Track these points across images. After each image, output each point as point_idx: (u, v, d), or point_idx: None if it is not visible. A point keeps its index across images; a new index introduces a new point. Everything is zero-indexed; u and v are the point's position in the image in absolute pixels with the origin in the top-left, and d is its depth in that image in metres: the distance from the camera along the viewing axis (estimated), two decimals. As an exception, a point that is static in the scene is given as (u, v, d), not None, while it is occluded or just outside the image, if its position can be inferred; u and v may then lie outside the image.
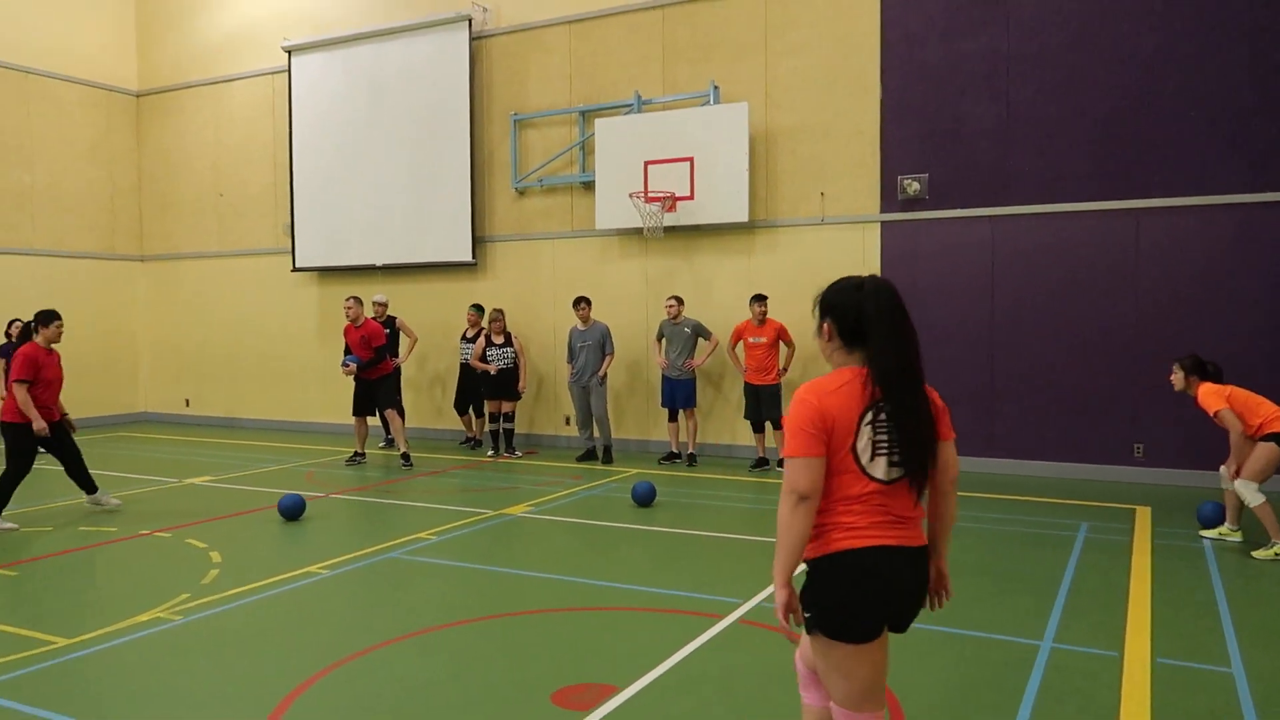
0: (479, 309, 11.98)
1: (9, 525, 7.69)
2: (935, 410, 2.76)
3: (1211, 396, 6.73)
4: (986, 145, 10.02)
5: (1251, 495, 6.58)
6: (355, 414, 11.02)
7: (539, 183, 12.32)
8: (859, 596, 2.66)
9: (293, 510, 7.94)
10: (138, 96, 15.83)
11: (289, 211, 14.06)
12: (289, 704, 4.12)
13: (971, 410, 9.95)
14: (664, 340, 10.72)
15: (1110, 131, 9.52)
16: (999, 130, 9.96)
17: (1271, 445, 6.52)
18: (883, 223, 10.49)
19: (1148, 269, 9.39)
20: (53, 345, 7.93)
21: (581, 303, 10.91)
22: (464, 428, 12.39)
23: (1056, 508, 8.19)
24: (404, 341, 12.25)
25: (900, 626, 2.78)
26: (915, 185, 10.22)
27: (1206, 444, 8.67)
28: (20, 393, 7.62)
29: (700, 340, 10.68)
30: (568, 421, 12.13)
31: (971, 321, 10.05)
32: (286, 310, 14.44)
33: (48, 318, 7.87)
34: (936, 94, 10.22)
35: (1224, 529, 7.02)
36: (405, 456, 10.64)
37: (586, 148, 12.00)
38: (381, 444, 12.19)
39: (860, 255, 10.57)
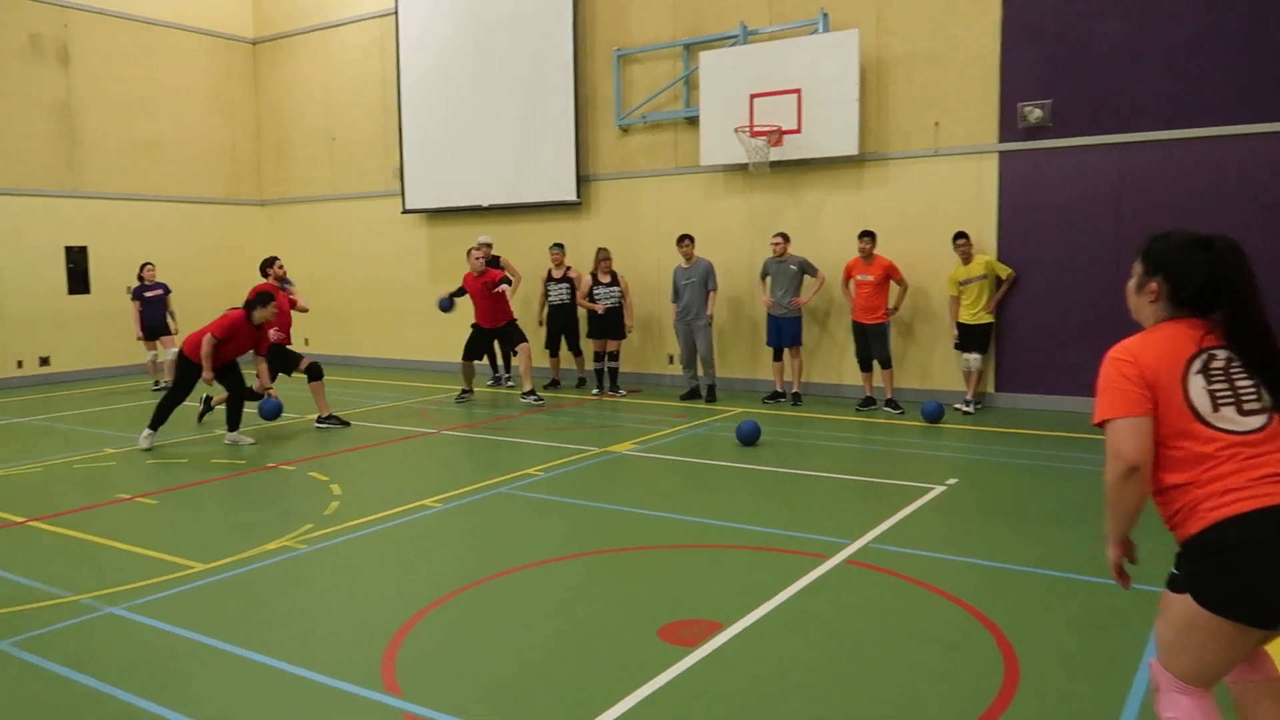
0: (560, 247, 11.96)
1: (148, 444, 8.48)
2: None
3: None
4: (1115, 67, 9.37)
5: None
6: (464, 359, 11.28)
7: (642, 119, 12.17)
8: (1248, 571, 2.28)
9: (273, 412, 9.36)
10: (253, 44, 16.27)
11: (398, 154, 14.31)
12: (410, 629, 4.30)
13: (1093, 349, 9.49)
14: (769, 278, 10.55)
15: (1252, 47, 8.77)
16: (1130, 50, 9.30)
17: None
18: (1001, 153, 10.00)
19: (1295, 197, 8.69)
20: (263, 324, 8.82)
21: (685, 240, 10.82)
22: (550, 369, 12.42)
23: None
24: (509, 282, 12.40)
25: None
26: (1037, 112, 9.67)
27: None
28: (207, 345, 8.42)
29: (806, 278, 10.47)
30: (671, 360, 12.14)
31: (1098, 257, 9.51)
32: (397, 251, 14.79)
33: (265, 300, 8.73)
34: (1061, 12, 9.59)
35: None
36: (533, 393, 10.91)
37: (690, 82, 11.77)
38: (490, 382, 12.45)
39: (976, 188, 10.12)
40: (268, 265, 10.26)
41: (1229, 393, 2.38)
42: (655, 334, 12.40)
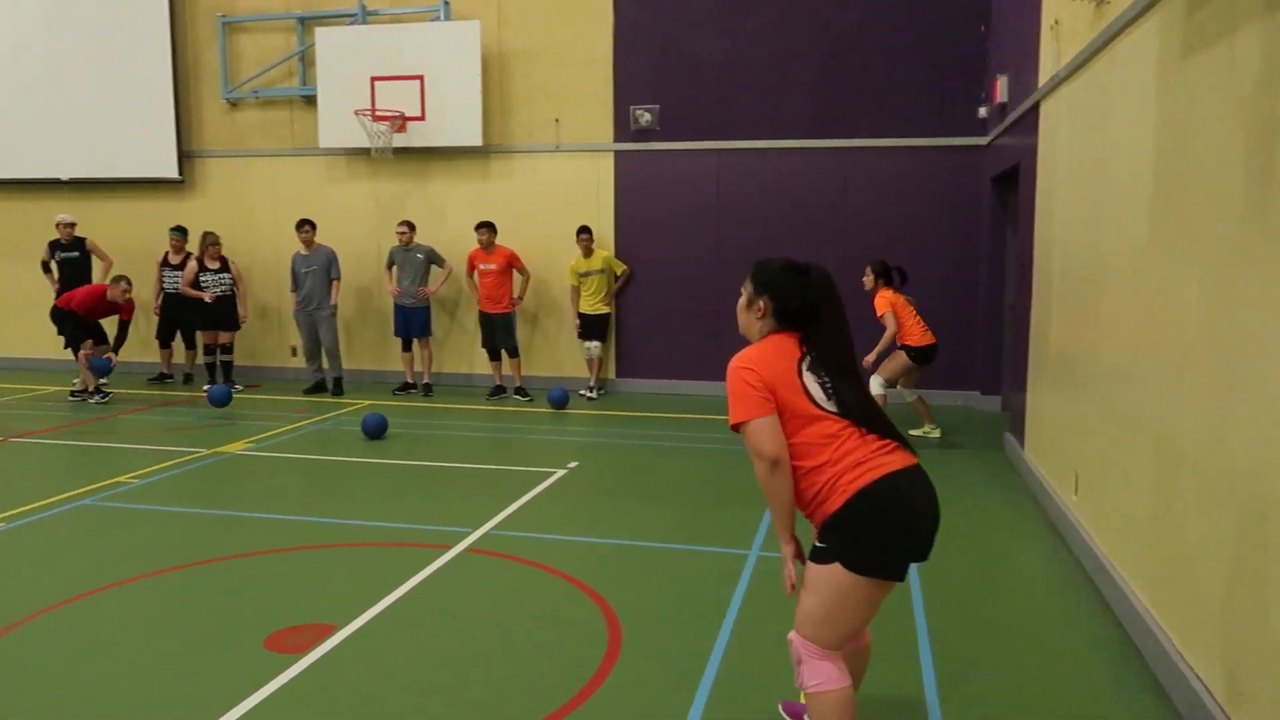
0: (181, 231, 10.97)
1: None
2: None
3: (882, 301, 7.70)
4: (714, 79, 10.33)
5: (875, 389, 7.66)
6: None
7: (254, 94, 11.34)
8: (883, 531, 2.61)
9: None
10: None
11: (-54, 114, 12.06)
12: (-51, 677, 3.66)
13: (695, 337, 10.43)
14: (395, 267, 10.35)
15: (824, 74, 10.11)
16: (725, 65, 10.29)
17: (902, 354, 7.75)
18: (616, 152, 10.61)
19: (854, 199, 10.14)
20: None
21: (305, 226, 10.27)
22: (161, 362, 11.35)
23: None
24: (96, 265, 11.01)
25: (925, 554, 2.72)
26: (647, 116, 10.39)
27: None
28: None
29: (434, 267, 10.40)
30: (294, 353, 11.48)
31: (700, 253, 10.42)
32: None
33: None
34: (667, 25, 10.37)
35: (926, 428, 8.08)
36: (97, 391, 9.84)
37: (306, 59, 11.17)
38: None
39: (595, 183, 10.66)
40: None
41: (830, 385, 2.73)
42: (275, 325, 11.65)
